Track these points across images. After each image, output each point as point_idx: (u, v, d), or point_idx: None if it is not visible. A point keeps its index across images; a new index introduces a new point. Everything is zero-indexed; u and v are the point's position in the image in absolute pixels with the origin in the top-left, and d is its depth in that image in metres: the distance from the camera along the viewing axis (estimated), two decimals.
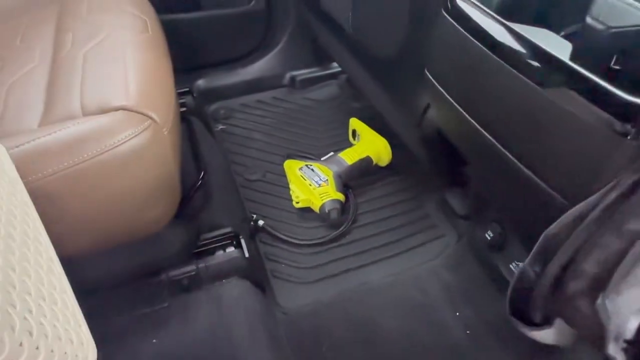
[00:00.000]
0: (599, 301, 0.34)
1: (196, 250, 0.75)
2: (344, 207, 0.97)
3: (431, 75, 0.58)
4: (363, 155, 1.03)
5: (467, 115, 0.51)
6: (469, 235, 0.83)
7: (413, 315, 0.80)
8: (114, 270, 0.64)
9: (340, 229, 0.94)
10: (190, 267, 0.72)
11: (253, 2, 1.20)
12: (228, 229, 0.78)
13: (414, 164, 1.07)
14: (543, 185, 0.41)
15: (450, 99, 0.54)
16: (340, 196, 0.96)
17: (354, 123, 1.11)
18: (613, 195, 0.35)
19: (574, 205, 0.37)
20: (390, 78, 0.76)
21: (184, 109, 1.09)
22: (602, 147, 0.37)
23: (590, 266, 0.36)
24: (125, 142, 0.51)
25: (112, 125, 0.52)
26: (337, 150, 1.06)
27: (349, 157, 1.02)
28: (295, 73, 1.31)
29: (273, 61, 1.29)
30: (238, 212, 0.91)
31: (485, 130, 0.49)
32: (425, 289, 0.85)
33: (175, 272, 0.71)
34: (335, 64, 1.35)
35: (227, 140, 1.17)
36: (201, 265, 0.72)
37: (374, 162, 1.05)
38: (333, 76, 1.34)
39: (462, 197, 0.94)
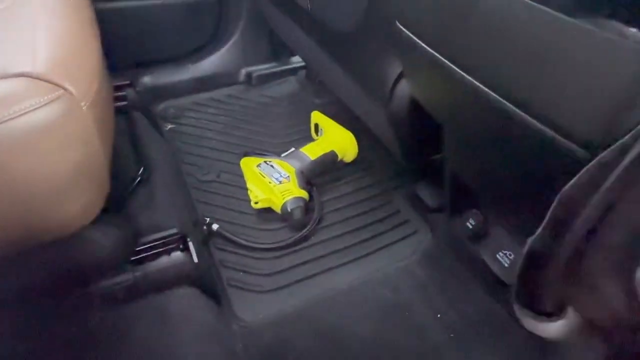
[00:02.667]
0: (638, 274, 0.27)
1: (135, 257, 0.63)
2: (307, 205, 0.88)
3: (404, 26, 0.50)
4: (327, 150, 0.95)
5: (450, 65, 0.43)
6: (445, 228, 0.76)
7: (388, 319, 0.72)
8: (23, 281, 0.52)
9: (305, 230, 0.85)
10: (126, 276, 0.60)
11: None
12: (173, 230, 0.67)
13: (382, 158, 1.01)
14: (553, 134, 0.33)
15: (429, 49, 0.47)
16: (304, 194, 0.87)
17: (317, 117, 1.03)
18: None
19: (595, 157, 0.29)
20: (354, 55, 0.69)
21: (123, 102, 0.98)
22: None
23: (619, 235, 0.29)
24: (25, 113, 0.41)
25: (9, 93, 0.41)
26: (298, 147, 0.97)
27: (312, 152, 0.94)
28: (251, 69, 1.22)
29: (226, 56, 1.20)
30: (187, 214, 0.80)
31: (473, 78, 0.42)
32: (400, 290, 0.77)
33: (106, 283, 0.59)
34: (294, 59, 1.28)
35: (178, 139, 1.06)
36: (139, 273, 0.61)
37: (339, 158, 0.97)
38: (292, 72, 1.27)
39: (433, 188, 0.87)
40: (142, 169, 0.75)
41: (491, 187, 0.55)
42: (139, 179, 0.74)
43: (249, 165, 0.92)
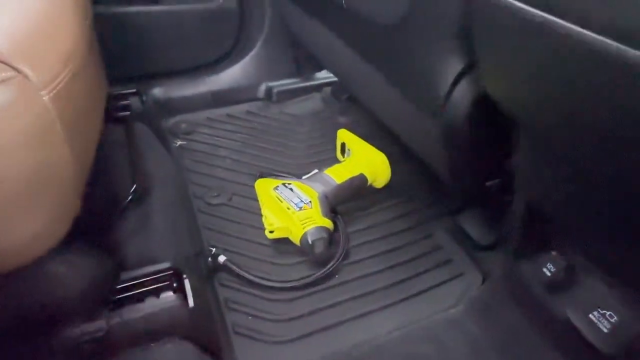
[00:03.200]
0: None
1: (113, 299, 0.49)
2: (332, 237, 0.74)
3: None
4: (355, 173, 0.82)
5: (558, 20, 0.30)
6: (504, 271, 0.61)
7: None
8: None
9: (328, 266, 0.71)
10: (99, 324, 0.46)
11: None
12: (166, 264, 0.54)
13: (419, 183, 0.87)
14: None
15: (525, 6, 0.34)
16: (328, 223, 0.74)
17: (343, 135, 0.90)
18: None
19: None
20: (398, 55, 0.56)
21: (126, 112, 0.87)
22: None
23: None
24: None
25: None
26: (322, 168, 0.84)
27: (338, 174, 0.81)
28: (272, 84, 1.12)
29: (246, 69, 1.10)
30: (188, 244, 0.67)
31: (593, 31, 0.28)
32: (446, 347, 0.62)
33: (71, 332, 0.45)
34: (318, 75, 1.17)
35: (187, 157, 0.95)
36: (117, 320, 0.47)
37: (369, 182, 0.83)
38: (316, 88, 1.16)
39: (483, 220, 0.73)
40: (134, 187, 0.63)
41: (590, 219, 0.40)
42: (129, 197, 0.62)
43: (265, 188, 0.80)
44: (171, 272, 0.53)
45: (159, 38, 1.00)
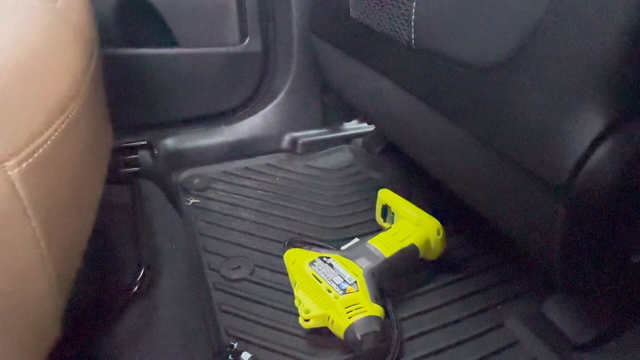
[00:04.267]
0: None
1: None
2: (384, 328, 0.59)
3: None
4: (406, 244, 0.68)
5: None
6: None
7: None
8: None
9: None
10: None
11: (247, 41, 0.92)
12: None
13: (481, 254, 0.73)
14: None
15: None
16: (379, 311, 0.59)
17: (386, 196, 0.77)
18: None
19: None
20: (498, 103, 0.44)
21: (135, 168, 0.74)
22: None
23: None
24: None
25: None
26: (362, 236, 0.71)
27: (385, 246, 0.67)
28: (296, 134, 1.00)
29: (268, 118, 0.98)
30: (204, 339, 0.51)
31: None
32: None
33: None
34: (347, 125, 1.06)
35: (201, 218, 0.81)
36: None
37: (421, 254, 0.69)
38: (345, 139, 1.04)
39: (576, 309, 0.58)
40: (142, 271, 0.49)
41: None
42: (136, 288, 0.48)
43: (298, 262, 0.65)
44: None
45: (174, 83, 0.89)
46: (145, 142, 0.81)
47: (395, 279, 0.68)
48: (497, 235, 0.58)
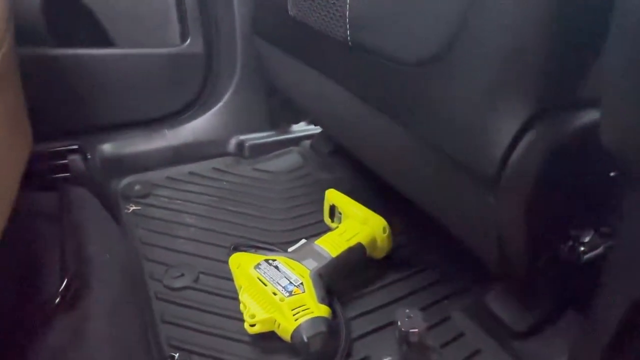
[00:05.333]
0: None
1: None
2: (332, 329, 0.58)
3: None
4: (352, 243, 0.68)
5: None
6: None
7: None
8: None
9: None
10: None
11: (188, 41, 0.89)
12: None
13: (426, 252, 0.74)
14: None
15: None
16: (326, 311, 0.58)
17: (333, 196, 0.77)
18: None
19: None
20: (430, 99, 0.44)
21: (65, 174, 0.70)
22: None
23: None
24: None
25: None
26: (310, 237, 0.70)
27: (332, 246, 0.67)
28: (243, 137, 0.98)
29: (213, 121, 0.96)
30: (141, 353, 0.49)
31: None
32: None
33: None
34: (295, 127, 1.05)
35: (142, 226, 0.77)
36: None
37: (367, 253, 0.69)
38: (293, 142, 1.03)
39: (516, 299, 0.60)
40: (65, 282, 0.45)
41: None
42: (57, 300, 0.44)
43: (243, 266, 0.63)
44: None
45: (110, 85, 0.85)
46: (76, 147, 0.76)
47: (344, 279, 0.67)
48: (442, 232, 0.59)
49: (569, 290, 0.59)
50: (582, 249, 0.52)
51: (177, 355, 0.54)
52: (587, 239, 0.52)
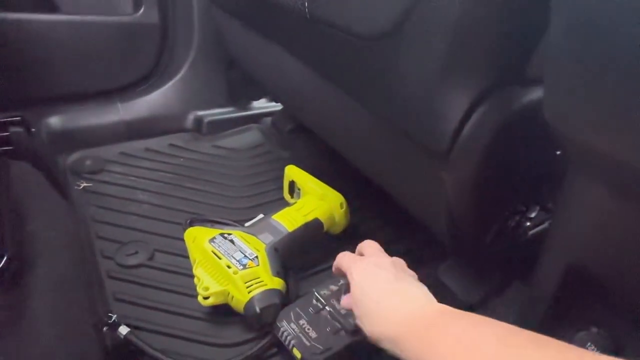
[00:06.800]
0: None
1: None
2: (284, 301, 0.58)
3: None
4: (309, 218, 0.68)
5: None
6: None
7: None
8: None
9: (265, 340, 0.55)
10: None
11: (142, 10, 0.85)
12: None
13: (383, 227, 0.75)
14: None
15: None
16: (279, 284, 0.59)
17: (292, 173, 0.77)
18: None
19: None
20: (384, 74, 0.44)
21: (6, 147, 0.66)
22: None
23: None
24: None
25: None
26: (268, 213, 0.69)
27: (289, 220, 0.67)
28: (202, 113, 0.96)
29: (169, 95, 0.93)
30: (88, 330, 0.47)
31: None
32: None
33: None
34: (256, 104, 1.03)
35: (93, 203, 0.75)
36: None
37: (325, 228, 0.70)
38: (253, 119, 1.02)
39: (466, 272, 0.62)
40: (4, 259, 0.43)
41: None
42: None
43: (198, 240, 0.62)
44: None
45: (55, 55, 0.80)
46: (18, 118, 0.71)
47: (300, 255, 0.68)
48: (399, 209, 0.60)
49: (515, 264, 0.61)
50: (527, 224, 0.54)
51: (114, 317, 0.52)
52: (532, 215, 0.55)
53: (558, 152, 0.48)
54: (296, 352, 0.51)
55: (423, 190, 0.49)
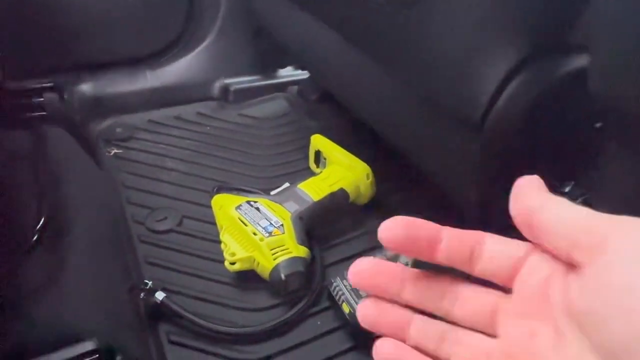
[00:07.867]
0: None
1: None
2: (311, 270, 0.59)
3: None
4: (335, 188, 0.68)
5: None
6: None
7: None
8: None
9: (299, 306, 0.56)
10: None
11: None
12: (90, 345, 0.36)
13: (410, 199, 0.74)
14: None
15: None
16: (304, 252, 0.59)
17: (318, 142, 0.76)
18: None
19: None
20: (414, 39, 0.43)
21: (40, 112, 0.68)
22: None
23: None
24: None
25: None
26: (294, 182, 0.70)
27: (314, 190, 0.67)
28: (228, 81, 0.96)
29: (196, 63, 0.93)
30: (122, 289, 0.49)
31: None
32: None
33: None
34: (283, 72, 1.02)
35: (123, 169, 0.76)
36: None
37: (350, 199, 0.70)
38: (280, 87, 1.01)
39: None
40: (42, 221, 0.45)
41: None
42: (35, 237, 0.44)
43: (225, 207, 0.64)
44: (96, 356, 0.35)
45: (85, 22, 0.81)
46: (52, 85, 0.73)
47: (325, 225, 0.68)
48: (426, 181, 0.59)
49: None
50: None
51: (150, 282, 0.54)
52: (566, 189, 0.53)
53: (597, 125, 0.46)
54: (345, 307, 0.53)
55: (451, 161, 0.48)
